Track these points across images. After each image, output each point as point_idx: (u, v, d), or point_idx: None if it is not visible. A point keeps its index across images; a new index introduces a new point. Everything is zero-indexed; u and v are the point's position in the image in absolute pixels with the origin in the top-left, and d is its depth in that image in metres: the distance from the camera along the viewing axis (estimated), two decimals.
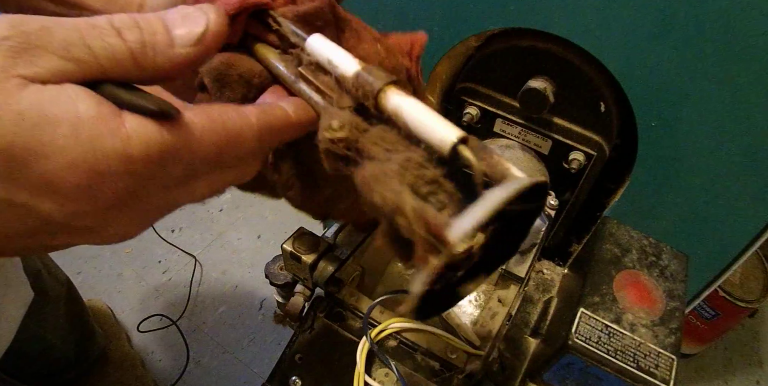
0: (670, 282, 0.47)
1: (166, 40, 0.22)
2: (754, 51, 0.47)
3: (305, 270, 0.53)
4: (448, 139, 0.23)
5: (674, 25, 0.48)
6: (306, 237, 0.53)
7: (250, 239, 1.30)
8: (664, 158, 0.58)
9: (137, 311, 1.17)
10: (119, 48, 0.21)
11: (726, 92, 0.50)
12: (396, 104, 0.24)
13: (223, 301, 1.19)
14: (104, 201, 0.20)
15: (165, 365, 1.09)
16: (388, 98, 0.25)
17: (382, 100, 0.25)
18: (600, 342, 0.42)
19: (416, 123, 0.24)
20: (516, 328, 0.52)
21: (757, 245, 0.60)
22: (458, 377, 0.48)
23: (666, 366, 0.41)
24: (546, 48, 0.58)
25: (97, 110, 0.19)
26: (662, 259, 0.49)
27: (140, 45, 0.21)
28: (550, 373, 0.45)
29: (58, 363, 0.91)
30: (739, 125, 0.52)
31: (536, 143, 0.65)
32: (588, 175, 0.64)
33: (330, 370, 0.48)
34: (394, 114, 0.25)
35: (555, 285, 0.57)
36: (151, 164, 0.20)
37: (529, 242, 0.56)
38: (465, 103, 0.66)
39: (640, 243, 0.50)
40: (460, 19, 0.60)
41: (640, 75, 0.53)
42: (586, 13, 0.52)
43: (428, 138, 0.24)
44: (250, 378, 1.08)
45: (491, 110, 0.65)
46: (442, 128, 0.23)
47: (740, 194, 0.57)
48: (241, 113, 0.24)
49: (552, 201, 0.56)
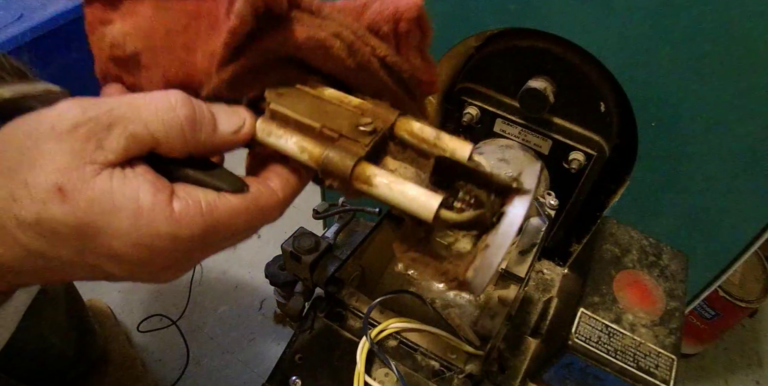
0: (670, 282, 0.47)
1: (212, 123, 0.26)
2: (753, 51, 0.47)
3: (305, 270, 0.53)
4: (432, 206, 0.25)
5: (674, 25, 0.48)
6: (306, 237, 0.53)
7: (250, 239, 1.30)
8: (664, 158, 0.58)
9: (137, 311, 1.17)
10: (174, 122, 0.25)
11: (726, 92, 0.50)
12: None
13: (223, 301, 1.19)
14: (156, 267, 0.26)
15: (165, 365, 1.09)
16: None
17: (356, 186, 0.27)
18: (600, 342, 0.42)
19: (399, 196, 0.26)
20: (516, 328, 0.52)
21: (757, 245, 0.60)
22: (458, 377, 0.48)
23: (666, 366, 0.41)
24: (546, 48, 0.58)
25: (153, 200, 0.23)
26: (662, 259, 0.49)
27: (191, 122, 0.25)
28: (550, 373, 0.45)
29: (58, 363, 0.91)
30: (739, 124, 0.52)
31: (536, 143, 0.65)
32: (588, 175, 0.64)
33: (330, 370, 0.48)
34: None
35: (555, 285, 0.57)
36: (194, 241, 0.25)
37: (529, 242, 0.56)
38: (465, 103, 0.66)
39: (640, 243, 0.50)
40: (460, 19, 0.60)
41: (640, 75, 0.53)
42: (586, 13, 0.52)
43: (409, 209, 0.26)
44: (250, 378, 1.07)
45: (491, 110, 0.65)
46: (424, 196, 0.26)
47: (740, 194, 0.57)
48: (270, 188, 0.28)
49: (552, 201, 0.56)
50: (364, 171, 0.26)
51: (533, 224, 0.56)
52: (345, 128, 0.28)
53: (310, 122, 0.28)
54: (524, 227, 0.57)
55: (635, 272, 0.47)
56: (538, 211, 0.56)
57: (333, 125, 0.28)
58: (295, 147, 0.27)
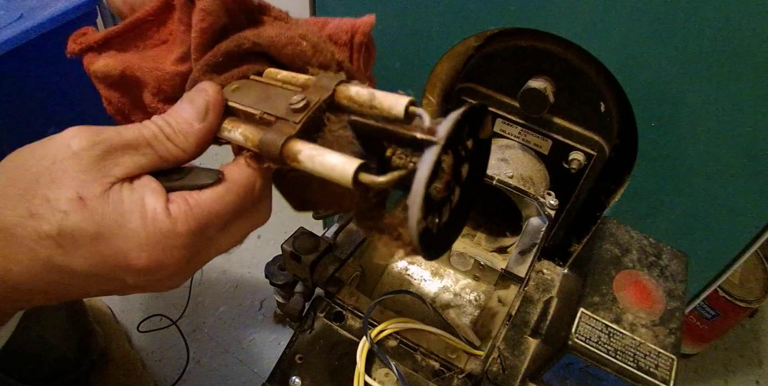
0: (670, 282, 0.47)
1: (187, 126, 0.30)
2: (753, 51, 0.47)
3: (305, 270, 0.53)
4: (348, 172, 0.26)
5: (674, 25, 0.48)
6: (306, 237, 0.53)
7: (250, 239, 1.30)
8: (664, 158, 0.58)
9: (137, 311, 1.17)
10: (169, 147, 0.29)
11: (726, 92, 0.50)
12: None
13: (223, 301, 1.19)
14: (165, 272, 0.28)
15: (165, 365, 1.09)
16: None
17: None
18: (600, 342, 0.42)
19: (320, 167, 0.27)
20: (516, 328, 0.52)
21: (757, 245, 0.60)
22: (458, 377, 0.48)
23: (666, 366, 0.41)
24: (546, 48, 0.58)
25: (155, 204, 0.27)
26: (662, 259, 0.49)
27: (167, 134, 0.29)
28: (550, 373, 0.45)
29: (58, 364, 0.91)
30: (739, 124, 0.52)
31: (536, 143, 0.65)
32: (588, 175, 0.64)
33: (330, 370, 0.48)
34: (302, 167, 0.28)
35: (555, 285, 0.57)
36: (194, 236, 0.28)
37: (529, 242, 0.56)
38: (465, 103, 0.66)
39: (640, 243, 0.50)
40: (460, 19, 0.60)
41: (640, 75, 0.53)
42: (586, 13, 0.52)
43: (331, 176, 0.26)
44: (250, 378, 1.07)
45: (491, 110, 0.65)
46: (341, 163, 0.26)
47: (740, 194, 0.57)
48: (240, 165, 0.30)
49: (552, 201, 0.56)
50: (292, 148, 0.27)
51: (533, 224, 0.56)
52: (281, 110, 0.29)
53: (252, 110, 0.30)
54: (524, 226, 0.57)
55: (635, 272, 0.47)
56: (538, 211, 0.56)
57: (270, 110, 0.29)
58: (240, 137, 0.30)
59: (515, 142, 0.66)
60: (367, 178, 0.25)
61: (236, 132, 0.30)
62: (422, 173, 0.24)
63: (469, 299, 0.61)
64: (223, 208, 0.29)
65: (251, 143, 0.29)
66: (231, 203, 0.29)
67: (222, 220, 0.29)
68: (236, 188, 0.29)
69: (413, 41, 0.65)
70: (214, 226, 0.29)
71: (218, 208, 0.28)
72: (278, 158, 0.27)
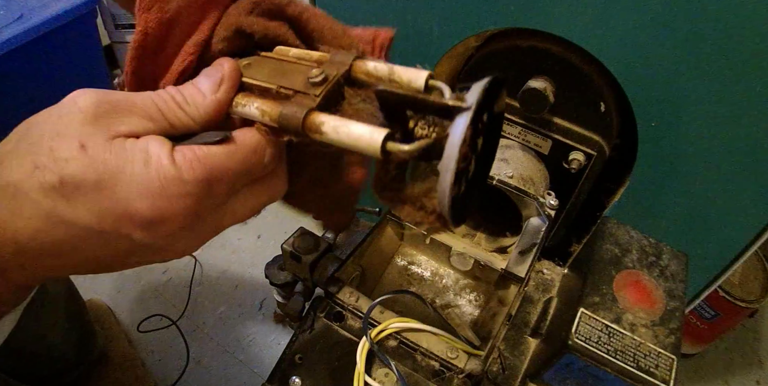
0: (670, 282, 0.47)
1: (200, 96, 0.29)
2: (753, 51, 0.47)
3: (305, 270, 0.53)
4: (377, 141, 0.26)
5: (674, 25, 0.48)
6: (306, 237, 0.53)
7: (250, 239, 1.30)
8: (664, 158, 0.58)
9: (137, 311, 1.17)
10: (180, 115, 0.29)
11: (726, 92, 0.50)
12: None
13: (223, 301, 1.19)
14: (172, 225, 0.27)
15: (165, 365, 1.09)
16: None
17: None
18: (600, 342, 0.42)
19: (345, 137, 0.26)
20: (516, 328, 0.52)
21: (757, 245, 0.60)
22: (458, 377, 0.48)
23: (666, 366, 0.41)
24: (546, 48, 0.58)
25: (159, 150, 0.26)
26: (662, 259, 0.49)
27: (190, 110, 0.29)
28: (550, 373, 0.45)
29: (58, 363, 0.91)
30: (739, 125, 0.52)
31: (536, 143, 0.65)
32: (588, 175, 0.64)
33: (330, 370, 0.48)
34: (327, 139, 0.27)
35: (555, 285, 0.57)
36: (200, 187, 0.27)
37: (529, 242, 0.56)
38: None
39: (640, 243, 0.50)
40: (460, 19, 0.60)
41: (640, 75, 0.53)
42: (586, 13, 0.52)
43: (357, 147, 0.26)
44: (250, 378, 1.07)
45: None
46: (368, 133, 0.26)
47: (740, 194, 0.57)
48: (250, 129, 0.29)
49: (552, 201, 0.56)
50: (314, 120, 0.27)
51: (533, 224, 0.56)
52: (298, 84, 0.29)
53: (267, 85, 0.30)
54: (524, 226, 0.57)
55: (635, 272, 0.47)
56: (538, 211, 0.56)
57: (288, 84, 0.29)
58: (257, 111, 0.29)
59: (515, 142, 0.66)
60: (393, 146, 0.25)
61: (252, 107, 0.30)
62: (456, 138, 0.24)
63: (469, 299, 0.61)
64: (231, 164, 0.28)
65: (269, 117, 0.29)
66: (239, 161, 0.28)
67: (230, 178, 0.28)
68: (245, 149, 0.29)
69: (413, 41, 0.65)
70: (222, 182, 0.28)
71: (226, 163, 0.28)
72: (300, 130, 0.27)
